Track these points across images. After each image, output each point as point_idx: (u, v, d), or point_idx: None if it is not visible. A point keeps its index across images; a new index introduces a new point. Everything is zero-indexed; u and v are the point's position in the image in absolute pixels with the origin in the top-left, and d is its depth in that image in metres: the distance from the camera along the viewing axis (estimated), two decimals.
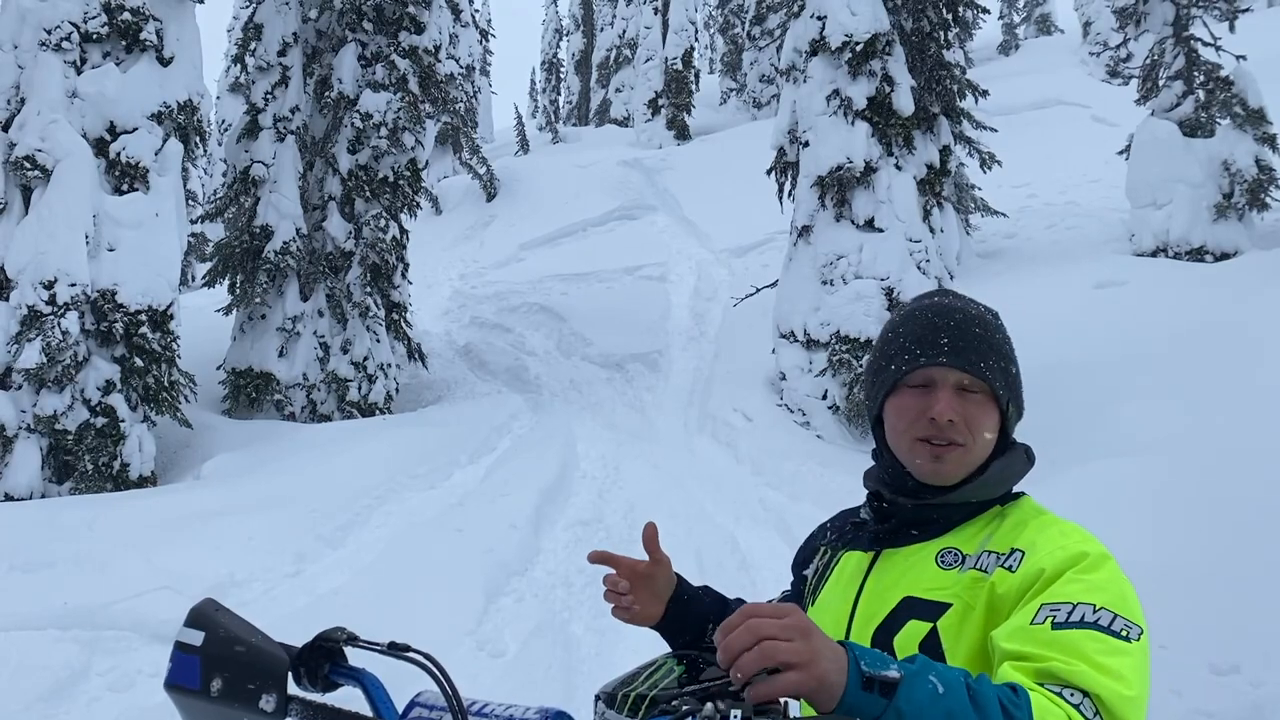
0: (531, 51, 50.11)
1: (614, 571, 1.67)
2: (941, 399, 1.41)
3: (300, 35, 11.91)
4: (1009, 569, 1.30)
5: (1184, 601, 4.57)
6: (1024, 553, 1.31)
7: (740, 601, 1.71)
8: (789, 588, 1.80)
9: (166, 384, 9.16)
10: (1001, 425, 1.46)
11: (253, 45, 11.92)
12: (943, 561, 1.39)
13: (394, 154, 12.15)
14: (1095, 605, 1.18)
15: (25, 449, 8.30)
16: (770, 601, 1.79)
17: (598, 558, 1.67)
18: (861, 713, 0.98)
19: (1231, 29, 12.19)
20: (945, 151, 11.14)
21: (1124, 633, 1.16)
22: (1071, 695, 1.09)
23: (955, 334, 1.44)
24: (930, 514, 1.46)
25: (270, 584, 6.14)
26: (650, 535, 1.65)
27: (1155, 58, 12.68)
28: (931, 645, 1.32)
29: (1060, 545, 1.29)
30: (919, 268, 9.82)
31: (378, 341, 12.06)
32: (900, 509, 1.49)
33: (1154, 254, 11.76)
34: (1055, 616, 1.18)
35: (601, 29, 40.03)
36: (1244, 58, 11.71)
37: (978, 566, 1.35)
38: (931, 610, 1.35)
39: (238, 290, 11.59)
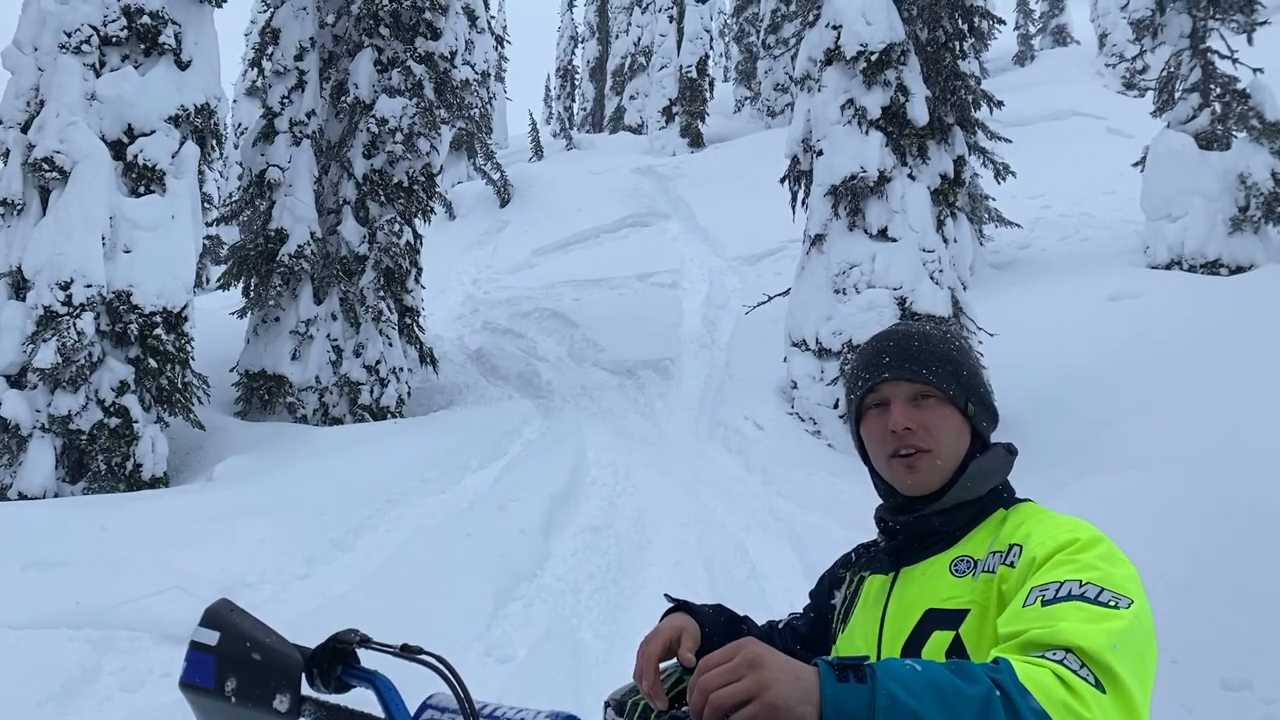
0: (547, 58, 50.24)
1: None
2: (895, 410, 1.51)
3: (317, 40, 11.98)
4: (1010, 565, 1.35)
5: (1196, 616, 4.55)
6: (1021, 546, 1.35)
7: (746, 621, 1.72)
8: (799, 612, 1.84)
9: (180, 385, 9.20)
10: (972, 428, 1.53)
11: (270, 50, 11.99)
12: (956, 570, 1.44)
13: (409, 159, 12.19)
14: (1081, 581, 1.20)
15: (39, 448, 8.35)
16: (771, 624, 1.81)
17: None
18: (848, 704, 0.98)
19: (1249, 41, 12.16)
20: (959, 162, 11.11)
21: (1111, 603, 1.17)
22: (1054, 654, 1.10)
23: (895, 350, 1.55)
24: (932, 524, 1.51)
25: (281, 586, 6.16)
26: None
27: (1172, 70, 12.65)
28: (957, 652, 1.36)
29: (1052, 535, 1.33)
30: (932, 278, 9.80)
31: (390, 345, 12.09)
32: (904, 526, 1.54)
33: (1168, 266, 11.72)
34: (1044, 595, 1.20)
35: (617, 36, 40.12)
36: (1261, 70, 11.67)
37: (987, 569, 1.39)
38: (952, 619, 1.39)
39: (252, 293, 11.64)
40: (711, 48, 34.29)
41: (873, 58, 10.01)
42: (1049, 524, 1.38)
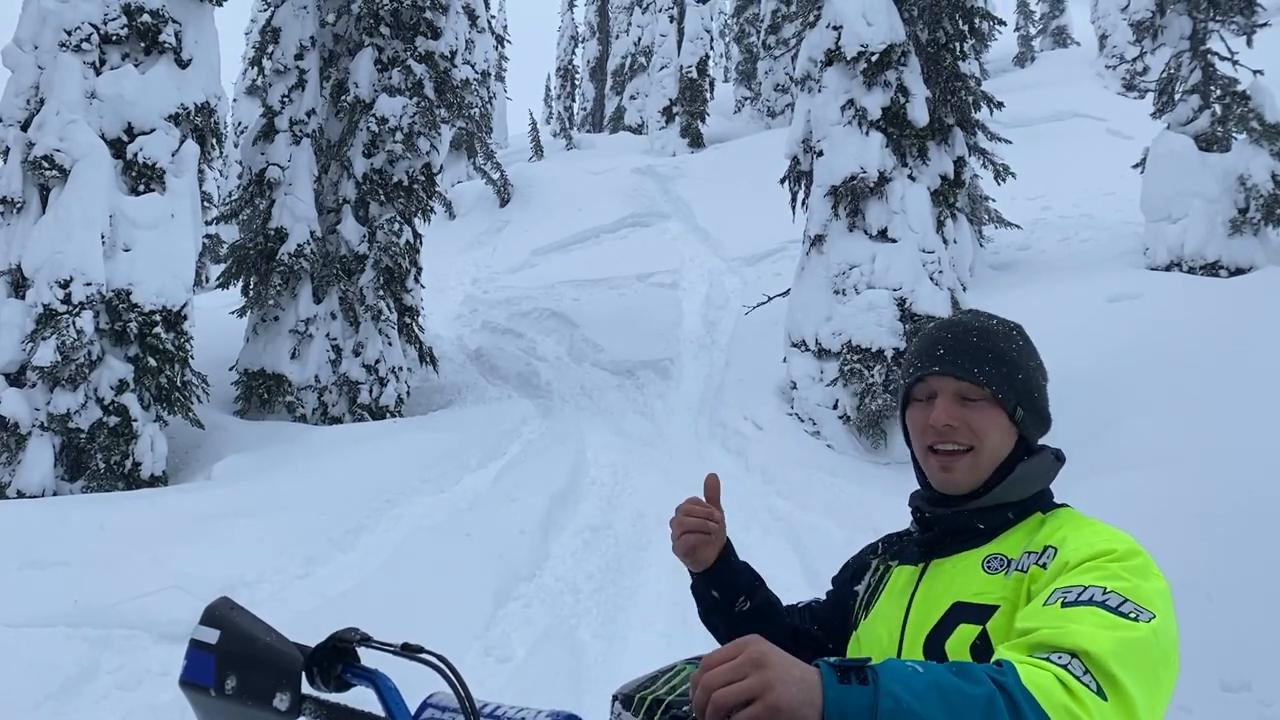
0: (547, 58, 50.20)
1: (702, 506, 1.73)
2: (939, 406, 1.49)
3: (317, 39, 11.97)
4: (1043, 566, 1.34)
5: (1195, 617, 4.54)
6: (1056, 549, 1.34)
7: (750, 604, 1.73)
8: (823, 597, 1.83)
9: (179, 384, 9.19)
10: (1019, 431, 1.50)
11: (270, 48, 11.98)
12: (989, 567, 1.43)
13: (409, 158, 12.18)
14: (1106, 588, 1.19)
15: (38, 447, 8.34)
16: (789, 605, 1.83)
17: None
18: (851, 706, 0.97)
19: (1249, 43, 12.16)
20: (959, 163, 11.12)
21: (1131, 614, 1.15)
22: (1059, 657, 1.09)
23: (950, 344, 1.51)
24: (970, 521, 1.50)
25: (279, 585, 6.15)
26: (713, 485, 1.76)
27: (1172, 71, 12.65)
28: (982, 647, 1.35)
29: (1089, 542, 1.32)
30: (932, 278, 9.80)
31: (389, 345, 12.08)
32: (940, 519, 1.52)
33: (1168, 268, 11.72)
34: (1065, 597, 1.19)
35: (617, 36, 40.08)
36: (1261, 72, 11.67)
37: (1019, 568, 1.38)
38: (980, 614, 1.38)
39: (251, 292, 11.63)
40: (712, 48, 34.28)
41: (873, 58, 10.01)
42: (1087, 531, 1.37)
